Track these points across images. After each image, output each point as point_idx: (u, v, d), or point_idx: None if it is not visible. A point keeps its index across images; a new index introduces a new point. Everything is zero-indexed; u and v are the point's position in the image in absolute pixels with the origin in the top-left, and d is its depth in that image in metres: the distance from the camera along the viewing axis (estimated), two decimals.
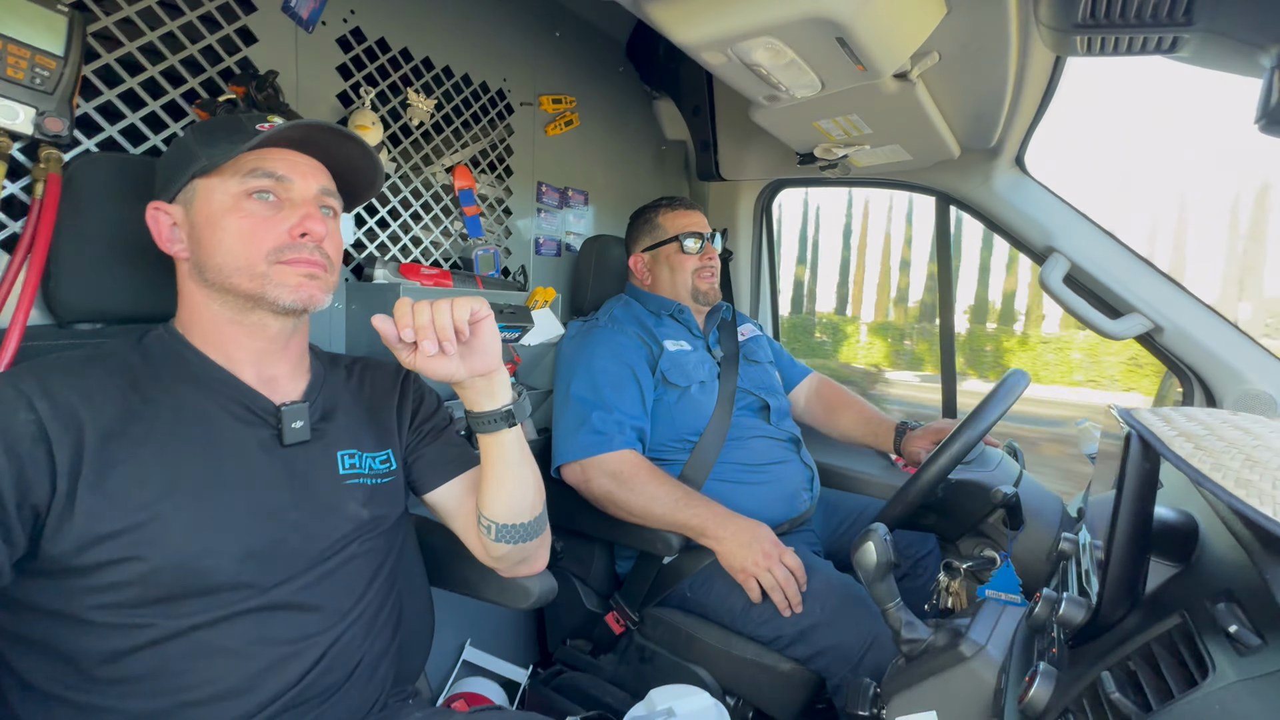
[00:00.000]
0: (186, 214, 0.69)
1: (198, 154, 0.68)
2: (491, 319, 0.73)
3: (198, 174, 0.68)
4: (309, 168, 0.72)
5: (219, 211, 0.67)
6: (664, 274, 1.46)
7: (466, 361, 0.72)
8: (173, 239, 0.70)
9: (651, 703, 1.02)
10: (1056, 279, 1.37)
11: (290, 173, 0.70)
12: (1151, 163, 53.33)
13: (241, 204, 0.67)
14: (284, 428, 0.71)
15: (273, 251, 0.68)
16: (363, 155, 0.76)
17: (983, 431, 0.93)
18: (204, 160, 0.67)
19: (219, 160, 0.67)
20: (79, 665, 0.60)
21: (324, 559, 0.72)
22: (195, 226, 0.68)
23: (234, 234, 0.67)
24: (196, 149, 0.68)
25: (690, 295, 1.45)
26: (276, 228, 0.68)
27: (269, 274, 0.68)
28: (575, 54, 1.63)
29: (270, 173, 0.68)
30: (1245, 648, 0.44)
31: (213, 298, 0.70)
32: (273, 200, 0.69)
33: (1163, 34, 0.76)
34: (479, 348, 0.72)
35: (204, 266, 0.68)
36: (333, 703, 0.72)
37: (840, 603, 1.11)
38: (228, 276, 0.67)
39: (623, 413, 1.24)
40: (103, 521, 0.58)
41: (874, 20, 0.84)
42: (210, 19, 0.95)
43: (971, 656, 0.74)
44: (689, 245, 1.43)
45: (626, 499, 1.19)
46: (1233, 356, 1.26)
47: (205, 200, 0.68)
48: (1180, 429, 0.54)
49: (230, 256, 0.67)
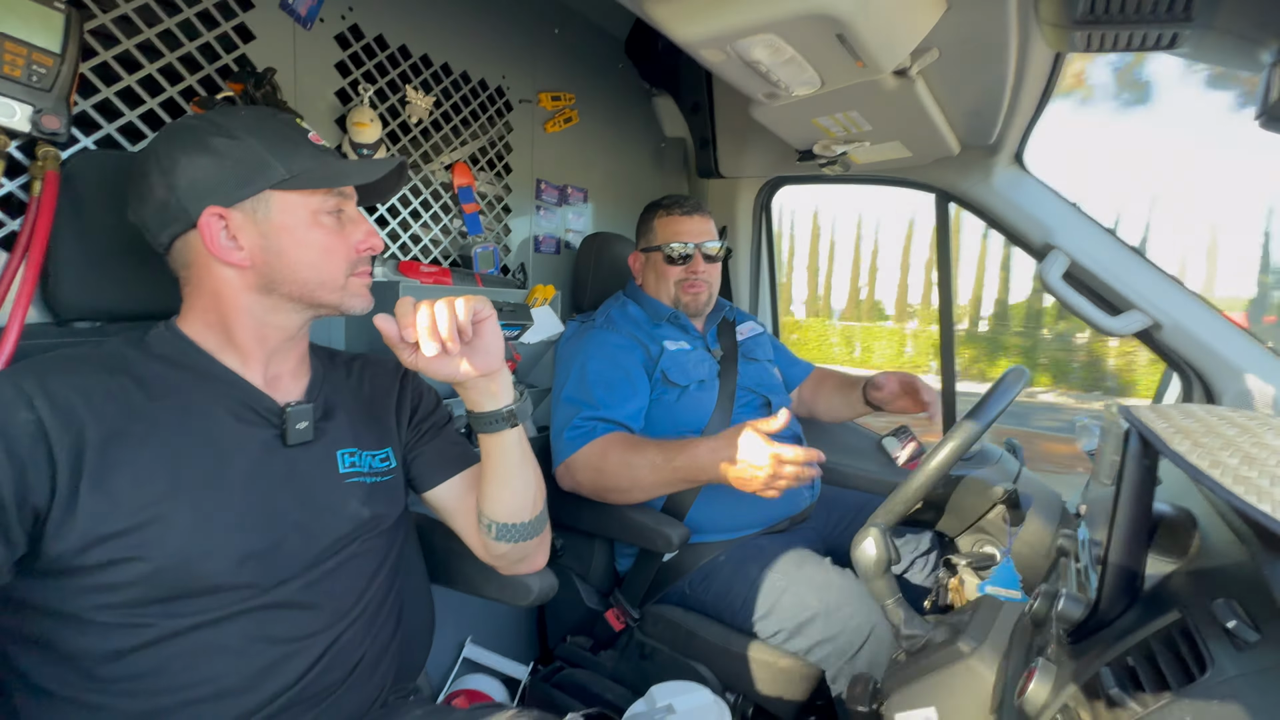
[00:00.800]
0: (254, 223, 0.67)
1: (271, 163, 0.66)
2: (494, 319, 0.72)
3: (277, 186, 0.67)
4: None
5: (300, 225, 0.68)
6: (651, 279, 1.44)
7: (469, 362, 0.71)
8: (228, 247, 0.66)
9: (652, 699, 1.02)
10: (1056, 276, 1.37)
11: (349, 190, 0.74)
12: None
13: (319, 219, 0.70)
14: (288, 429, 0.71)
15: (348, 265, 0.72)
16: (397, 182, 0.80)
17: (982, 428, 0.93)
18: (284, 173, 0.67)
19: (308, 184, 0.68)
20: (80, 664, 0.60)
21: (324, 558, 0.72)
22: (272, 238, 0.67)
23: (321, 251, 0.70)
24: (268, 156, 0.66)
25: (674, 305, 1.43)
26: (346, 243, 0.72)
27: (347, 287, 0.72)
28: (574, 51, 1.62)
29: (343, 192, 0.72)
30: (1243, 643, 0.44)
31: (264, 302, 0.69)
32: (340, 215, 0.72)
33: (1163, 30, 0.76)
34: (482, 348, 0.72)
35: (279, 279, 0.68)
36: (333, 700, 0.72)
37: (839, 595, 1.11)
38: (312, 290, 0.70)
39: (608, 409, 1.23)
40: (105, 521, 0.58)
41: (874, 17, 0.83)
42: (208, 16, 0.95)
43: (970, 653, 0.74)
44: (670, 256, 1.39)
45: (615, 482, 1.17)
46: (1232, 353, 1.27)
47: (286, 213, 0.68)
48: (1178, 426, 0.54)
49: (317, 272, 0.70)
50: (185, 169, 0.65)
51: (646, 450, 1.16)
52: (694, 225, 1.41)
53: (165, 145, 0.66)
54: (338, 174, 0.70)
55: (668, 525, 1.20)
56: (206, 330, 0.70)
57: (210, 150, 0.66)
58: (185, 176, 0.65)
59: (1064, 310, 2.06)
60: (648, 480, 1.15)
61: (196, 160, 0.66)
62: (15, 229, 0.78)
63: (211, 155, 0.66)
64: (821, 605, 1.11)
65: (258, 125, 0.68)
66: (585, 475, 1.20)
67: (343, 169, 0.71)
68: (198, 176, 0.65)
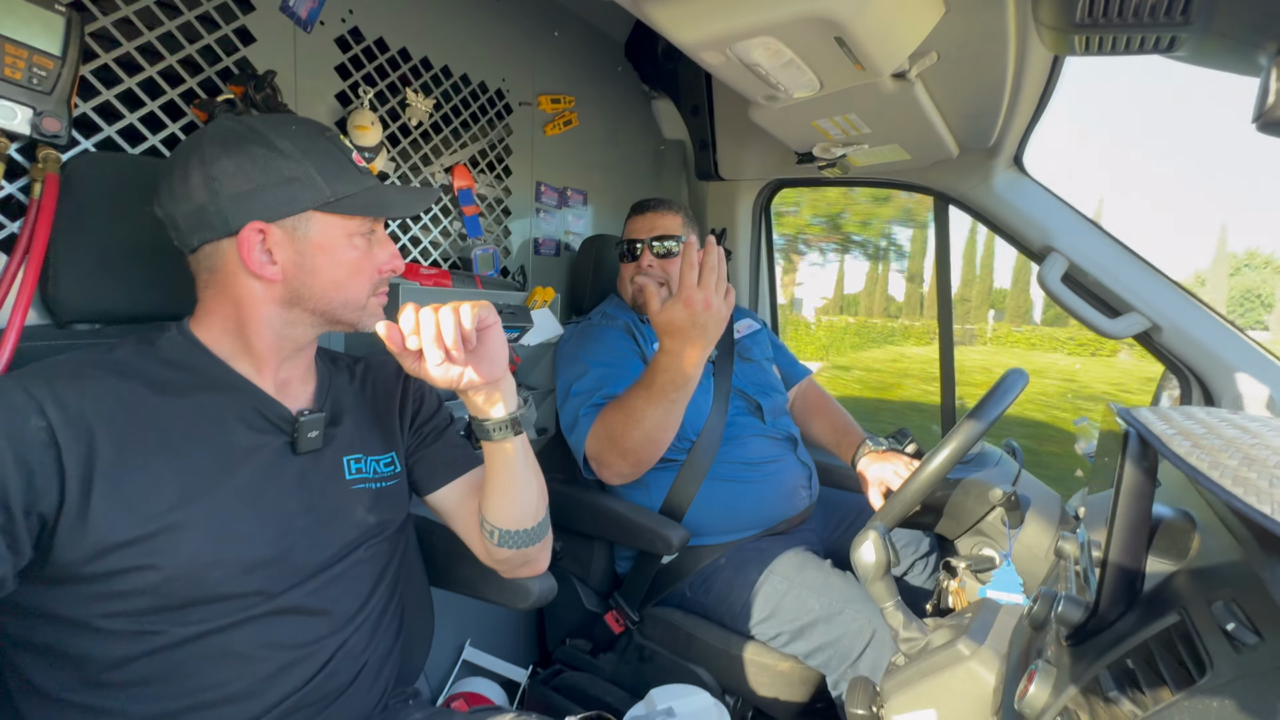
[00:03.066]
0: (292, 240, 0.67)
1: (319, 183, 0.67)
2: (499, 325, 0.71)
3: (320, 207, 0.67)
4: None
5: (336, 245, 0.69)
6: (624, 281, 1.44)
7: (474, 369, 0.70)
8: (262, 261, 0.66)
9: (651, 702, 1.02)
10: (1055, 278, 1.37)
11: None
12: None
13: (354, 241, 0.71)
14: (299, 437, 0.71)
15: (371, 286, 0.73)
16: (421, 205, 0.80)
17: (981, 431, 0.93)
18: (329, 195, 0.68)
19: (355, 210, 0.69)
20: (87, 670, 0.60)
21: (331, 564, 0.72)
22: (308, 256, 0.68)
23: (351, 272, 0.71)
24: (316, 177, 0.67)
25: (632, 305, 1.42)
26: (372, 264, 0.73)
27: (367, 305, 0.73)
28: (574, 54, 1.63)
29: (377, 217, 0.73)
30: (1243, 645, 0.44)
31: (286, 314, 0.69)
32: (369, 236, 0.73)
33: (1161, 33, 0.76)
34: (486, 355, 0.71)
35: (306, 295, 0.69)
36: (337, 705, 0.72)
37: (839, 599, 1.11)
38: (335, 308, 0.71)
39: (609, 388, 1.22)
40: (117, 530, 0.58)
41: (873, 20, 0.84)
42: (208, 19, 0.95)
43: (970, 655, 0.74)
44: (621, 253, 1.41)
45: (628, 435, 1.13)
46: (1230, 355, 1.27)
47: (326, 233, 0.69)
48: (1178, 427, 0.54)
49: (343, 291, 0.70)
50: (233, 178, 0.64)
51: (630, 393, 1.15)
52: (647, 221, 1.39)
53: (213, 148, 0.65)
54: (381, 204, 0.72)
55: (668, 527, 1.20)
56: (222, 336, 0.69)
57: (261, 163, 0.65)
58: (232, 185, 0.64)
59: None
60: (653, 413, 1.11)
61: (246, 171, 0.65)
62: (15, 231, 0.78)
63: (262, 169, 0.65)
64: (822, 609, 1.11)
65: (309, 144, 0.68)
66: (608, 452, 1.18)
67: (386, 200, 0.72)
68: (245, 188, 0.64)
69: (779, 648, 1.15)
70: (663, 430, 1.13)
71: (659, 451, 1.17)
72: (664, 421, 1.12)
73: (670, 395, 1.09)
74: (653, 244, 1.37)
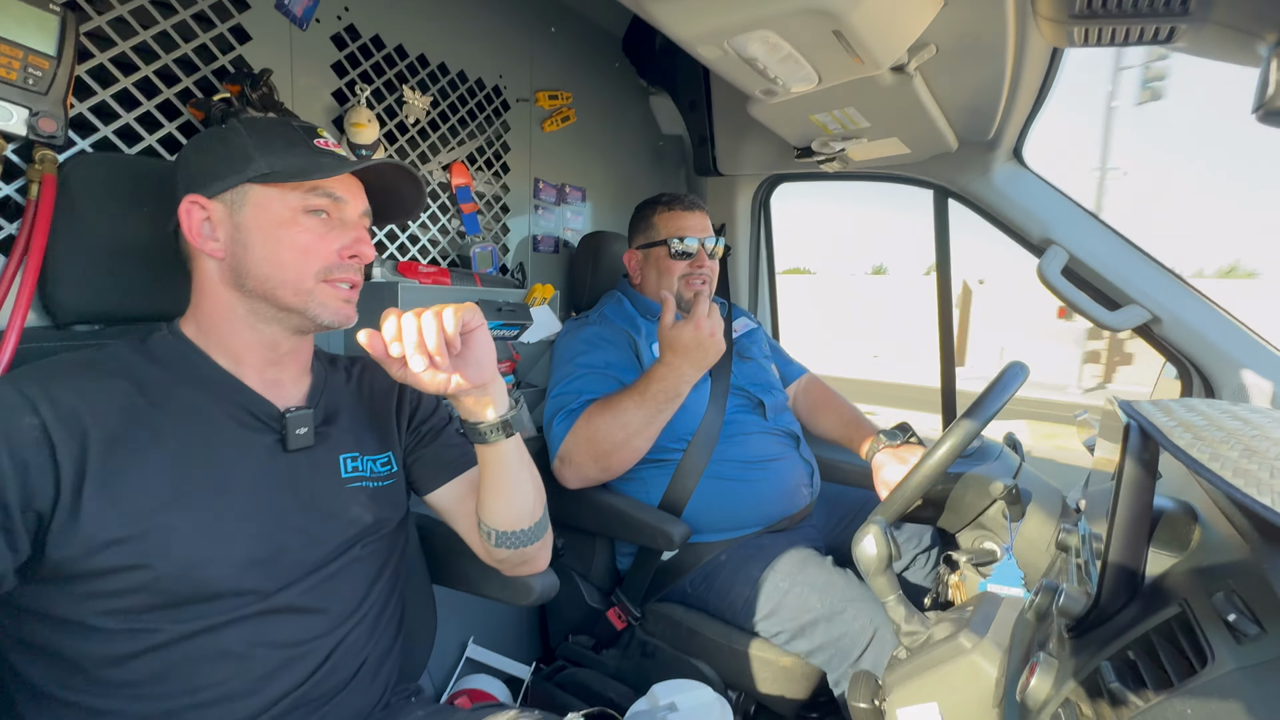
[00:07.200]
0: (230, 215, 0.67)
1: (254, 158, 0.66)
2: (485, 328, 0.70)
3: (255, 180, 0.67)
4: (357, 189, 0.74)
5: (275, 223, 0.67)
6: (651, 276, 1.43)
7: (460, 374, 0.69)
8: (205, 235, 0.67)
9: (654, 697, 1.02)
10: (1055, 271, 1.37)
11: (345, 194, 0.71)
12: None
13: (299, 219, 0.68)
14: (288, 434, 0.71)
15: (322, 270, 0.69)
16: (413, 188, 0.78)
17: (982, 424, 0.93)
18: (264, 168, 0.66)
19: (288, 177, 0.67)
20: (84, 669, 0.60)
21: (327, 562, 0.72)
22: (242, 231, 0.67)
23: (289, 248, 0.68)
24: (253, 152, 0.67)
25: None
26: (328, 246, 0.70)
27: (314, 291, 0.69)
28: (571, 49, 1.62)
29: (330, 193, 0.69)
30: (1244, 636, 0.44)
31: (241, 301, 0.69)
32: (325, 218, 0.70)
33: (1160, 24, 0.76)
34: (473, 359, 0.70)
35: (245, 273, 0.67)
36: (336, 703, 0.72)
37: (840, 598, 1.11)
38: (273, 288, 0.68)
39: (592, 393, 1.23)
40: (107, 528, 0.58)
41: (871, 12, 0.83)
42: (204, 17, 0.95)
43: (972, 648, 0.74)
44: (677, 251, 1.38)
45: (610, 439, 1.17)
46: (1231, 347, 1.27)
47: (261, 208, 0.67)
48: (1179, 419, 0.54)
49: (280, 269, 0.68)
50: (184, 164, 0.69)
51: (621, 395, 1.18)
52: (697, 221, 1.41)
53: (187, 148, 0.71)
54: (313, 168, 0.68)
55: (669, 523, 1.20)
56: (199, 331, 0.70)
57: (208, 147, 0.69)
58: (183, 171, 0.69)
59: None
60: (638, 418, 1.16)
61: (194, 156, 0.69)
62: (13, 233, 0.78)
63: (204, 151, 0.69)
64: (824, 608, 1.11)
65: (260, 126, 0.70)
66: (581, 452, 1.19)
67: (319, 164, 0.69)
68: (190, 171, 0.69)
69: (780, 645, 1.15)
70: (641, 438, 1.17)
71: (631, 459, 1.20)
72: (645, 429, 1.16)
73: (659, 403, 1.15)
74: (706, 243, 1.39)
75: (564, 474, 1.23)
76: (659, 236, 1.41)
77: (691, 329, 1.12)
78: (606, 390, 1.22)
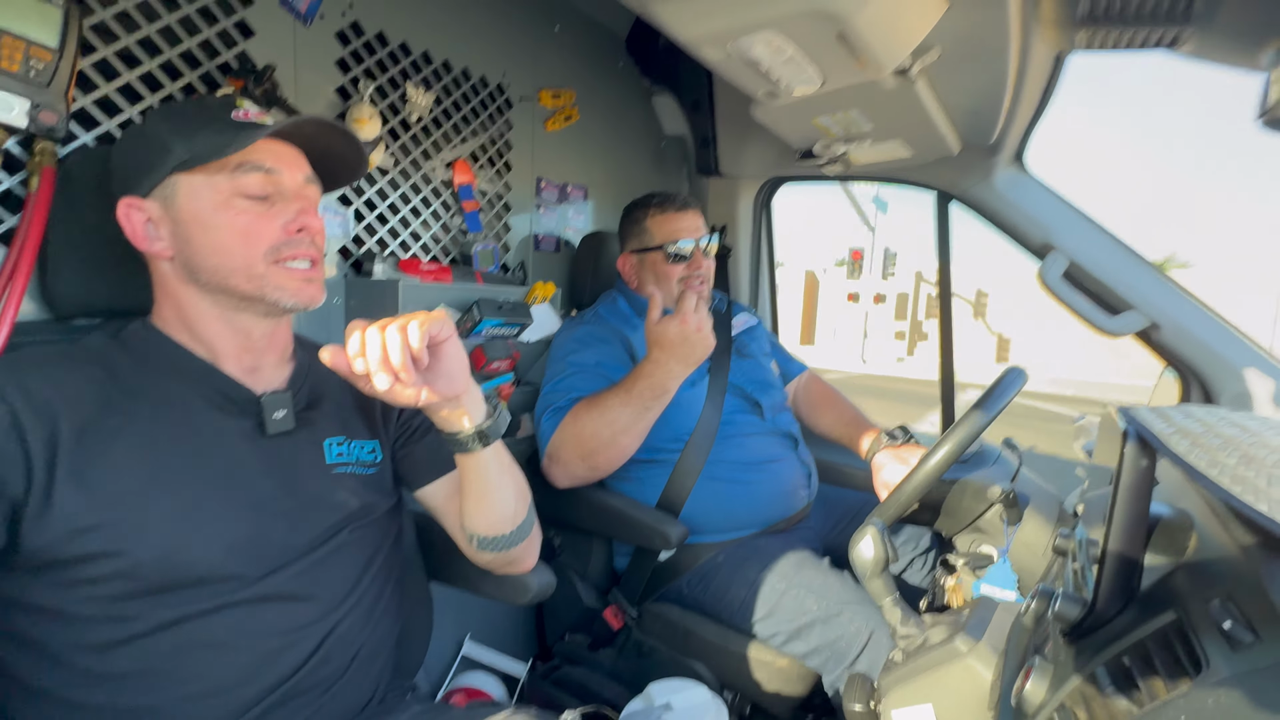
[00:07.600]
0: (166, 211, 0.65)
1: (172, 146, 0.64)
2: (455, 340, 0.67)
3: (178, 169, 0.64)
4: (293, 157, 0.70)
5: (209, 209, 0.64)
6: (650, 280, 1.39)
7: (429, 388, 0.65)
8: (150, 237, 0.66)
9: (650, 697, 1.02)
10: (1055, 276, 1.37)
11: (278, 164, 0.67)
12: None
13: (233, 201, 0.65)
14: (266, 418, 0.70)
15: (270, 250, 0.66)
16: (347, 144, 0.74)
17: (980, 429, 0.93)
18: (183, 154, 0.63)
19: (206, 158, 0.63)
20: (68, 662, 0.60)
21: (314, 548, 0.71)
22: (181, 225, 0.65)
23: (230, 233, 0.65)
24: (170, 139, 0.64)
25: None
26: (272, 224, 0.67)
27: (267, 275, 0.67)
28: (575, 48, 1.62)
29: (259, 165, 0.66)
30: (1239, 643, 0.44)
31: (203, 296, 0.68)
32: (263, 199, 0.67)
33: (1164, 30, 0.76)
34: (443, 372, 0.66)
35: (196, 267, 0.66)
36: (333, 693, 0.72)
37: (837, 600, 1.11)
38: (225, 278, 0.66)
39: (581, 391, 1.21)
40: (81, 515, 0.58)
41: (875, 15, 0.83)
42: (207, 12, 0.95)
43: (968, 651, 0.74)
44: (674, 255, 1.35)
45: (597, 436, 1.15)
46: (1230, 353, 1.27)
47: (191, 198, 0.64)
48: (1177, 426, 0.54)
49: (227, 257, 0.65)
50: (114, 167, 0.69)
51: (608, 393, 1.16)
52: (690, 221, 1.38)
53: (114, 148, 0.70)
54: (231, 142, 0.63)
55: (666, 523, 1.20)
56: (171, 324, 0.70)
57: (127, 144, 0.68)
58: (115, 174, 0.68)
59: None
60: (624, 415, 1.14)
61: (119, 157, 0.69)
62: (12, 225, 0.77)
63: (128, 149, 0.68)
64: (820, 610, 1.11)
65: (174, 110, 0.68)
66: (568, 450, 1.18)
67: (238, 136, 0.63)
68: (120, 173, 0.68)
69: (776, 647, 1.15)
70: (628, 436, 1.15)
71: (618, 458, 1.18)
72: (631, 427, 1.15)
73: (646, 401, 1.13)
74: (701, 243, 1.37)
75: (552, 472, 1.22)
76: (653, 241, 1.37)
77: (678, 324, 1.09)
78: (596, 389, 1.21)
